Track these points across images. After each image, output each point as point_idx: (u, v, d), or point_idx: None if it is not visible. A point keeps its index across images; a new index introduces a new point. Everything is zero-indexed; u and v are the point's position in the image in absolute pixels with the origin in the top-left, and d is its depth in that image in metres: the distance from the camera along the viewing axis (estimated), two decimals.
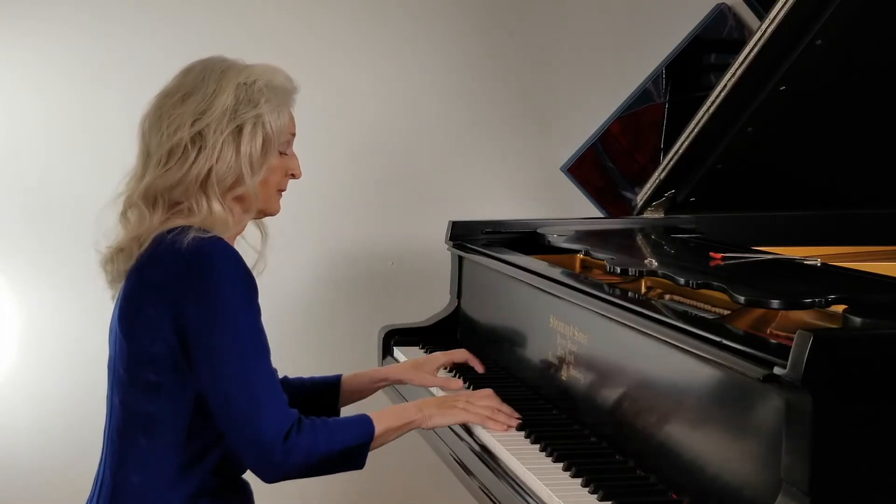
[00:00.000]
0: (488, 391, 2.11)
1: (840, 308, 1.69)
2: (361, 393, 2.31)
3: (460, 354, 2.34)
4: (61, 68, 3.33)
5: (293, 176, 2.01)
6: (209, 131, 1.86)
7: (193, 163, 1.86)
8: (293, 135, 1.99)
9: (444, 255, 2.85)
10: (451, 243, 2.78)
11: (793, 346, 1.43)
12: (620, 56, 3.66)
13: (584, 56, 3.66)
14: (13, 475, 3.38)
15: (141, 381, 1.85)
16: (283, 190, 2.00)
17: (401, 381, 2.33)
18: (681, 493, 1.71)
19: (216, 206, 1.87)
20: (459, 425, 2.12)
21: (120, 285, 1.92)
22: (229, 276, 1.81)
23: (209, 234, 1.83)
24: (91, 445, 2.16)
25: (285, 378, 2.26)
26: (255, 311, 1.84)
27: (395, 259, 3.58)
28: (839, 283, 1.95)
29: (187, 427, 1.85)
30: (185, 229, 1.83)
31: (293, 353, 3.38)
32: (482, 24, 3.60)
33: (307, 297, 3.53)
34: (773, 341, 1.58)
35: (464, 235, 2.77)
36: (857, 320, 1.59)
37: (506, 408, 2.07)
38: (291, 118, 1.98)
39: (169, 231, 1.85)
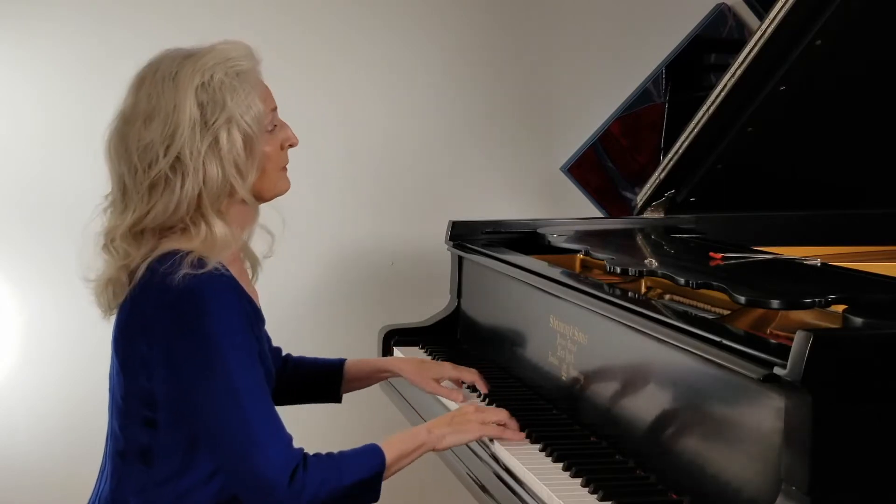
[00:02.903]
0: (499, 410, 2.04)
1: (840, 308, 1.69)
2: (363, 381, 2.27)
3: (469, 375, 2.26)
4: (62, 68, 3.33)
5: (291, 145, 1.90)
6: (185, 153, 1.74)
7: (181, 189, 1.76)
8: (274, 108, 1.87)
9: (444, 255, 2.85)
10: (451, 243, 2.78)
11: (793, 346, 1.43)
12: (620, 56, 3.66)
13: (584, 56, 3.66)
14: (13, 475, 3.38)
15: (137, 414, 1.80)
16: (286, 164, 1.90)
17: (400, 376, 2.28)
18: (681, 493, 1.71)
19: (217, 226, 1.78)
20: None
21: (114, 314, 1.86)
22: (220, 318, 1.72)
23: (202, 271, 1.73)
24: (91, 446, 2.16)
25: (287, 356, 2.25)
26: (250, 349, 1.77)
27: (395, 259, 3.58)
28: (839, 283, 1.95)
29: (186, 459, 1.80)
30: (177, 262, 1.73)
31: (293, 353, 3.38)
32: (482, 24, 3.60)
33: (307, 297, 3.53)
34: (773, 341, 1.58)
35: (464, 235, 2.76)
36: (857, 320, 1.59)
37: (513, 422, 2.02)
38: (265, 94, 1.85)
39: (161, 259, 1.75)
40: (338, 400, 2.27)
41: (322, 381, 2.23)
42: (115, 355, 1.84)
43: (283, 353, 2.26)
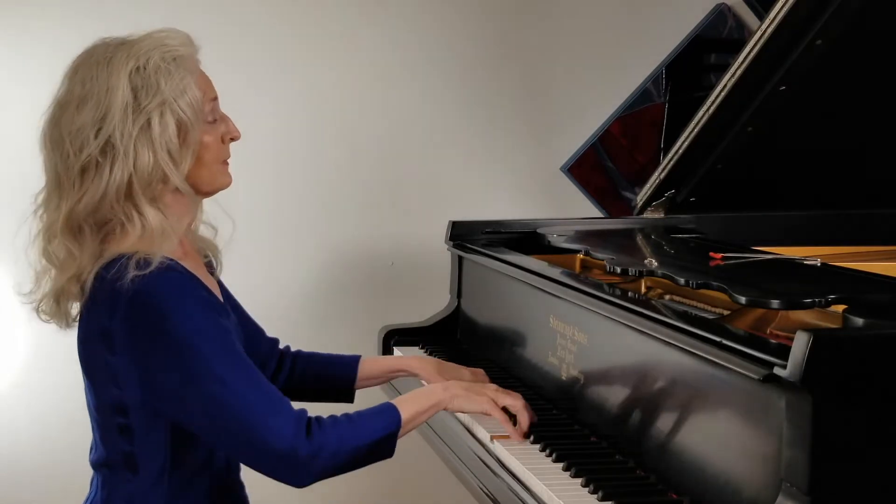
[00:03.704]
0: (517, 394, 2.03)
1: (840, 308, 1.69)
2: (376, 380, 2.25)
3: (485, 381, 2.21)
4: (62, 66, 3.32)
5: (233, 139, 1.85)
6: (116, 136, 1.70)
7: (110, 175, 1.71)
8: (214, 98, 1.83)
9: (444, 255, 2.85)
10: (451, 243, 2.78)
11: (793, 346, 1.43)
12: (620, 56, 3.66)
13: (584, 56, 3.66)
14: (13, 475, 3.38)
15: (113, 423, 1.78)
16: (228, 158, 1.86)
17: (417, 376, 2.25)
18: (681, 493, 1.71)
19: (150, 215, 1.73)
20: (461, 426, 2.11)
21: (72, 326, 1.84)
22: (178, 312, 1.69)
23: (148, 270, 1.69)
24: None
25: (298, 352, 2.23)
26: (219, 330, 1.73)
27: (394, 259, 3.58)
28: (839, 283, 1.95)
29: (170, 459, 1.78)
30: (123, 265, 1.69)
31: None
32: (482, 24, 3.60)
33: (307, 298, 3.53)
34: (773, 341, 1.58)
35: (464, 235, 2.76)
36: (857, 320, 1.59)
37: (529, 412, 2.00)
38: (205, 83, 1.81)
39: (108, 266, 1.72)
40: (350, 399, 2.23)
41: (336, 377, 2.21)
42: (81, 367, 1.82)
43: (294, 350, 2.24)
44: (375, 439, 1.79)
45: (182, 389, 1.71)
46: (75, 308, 1.85)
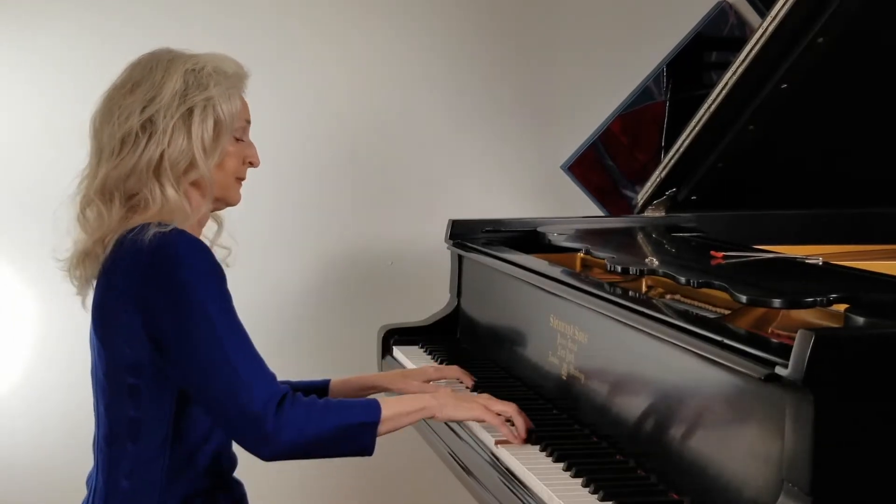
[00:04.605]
0: (509, 402, 2.01)
1: (842, 307, 1.68)
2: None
3: (452, 372, 2.32)
4: (63, 66, 3.32)
5: (251, 164, 1.98)
6: (159, 116, 1.85)
7: (145, 149, 1.85)
8: (248, 121, 1.97)
9: (443, 254, 2.85)
10: (451, 242, 2.77)
11: (794, 345, 1.43)
12: (621, 54, 3.65)
13: (584, 54, 3.65)
14: (14, 476, 3.38)
15: (122, 385, 1.84)
16: (242, 178, 1.98)
17: (388, 389, 2.29)
18: (681, 493, 1.70)
19: (170, 193, 1.85)
20: (458, 423, 2.11)
21: (89, 291, 1.92)
22: (193, 266, 1.79)
23: (169, 228, 1.81)
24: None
25: None
26: (226, 298, 1.83)
27: (394, 258, 3.57)
28: (841, 282, 1.94)
29: (172, 430, 1.84)
30: (144, 227, 1.81)
31: (293, 353, 3.38)
32: (482, 23, 3.59)
33: (307, 297, 3.53)
34: (774, 341, 1.57)
35: (464, 234, 2.76)
36: (859, 319, 1.58)
37: (524, 417, 1.99)
38: (244, 104, 1.96)
39: (129, 231, 1.83)
40: None
41: None
42: (94, 332, 1.89)
43: None
44: (345, 424, 1.82)
45: (179, 338, 1.78)
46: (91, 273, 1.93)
